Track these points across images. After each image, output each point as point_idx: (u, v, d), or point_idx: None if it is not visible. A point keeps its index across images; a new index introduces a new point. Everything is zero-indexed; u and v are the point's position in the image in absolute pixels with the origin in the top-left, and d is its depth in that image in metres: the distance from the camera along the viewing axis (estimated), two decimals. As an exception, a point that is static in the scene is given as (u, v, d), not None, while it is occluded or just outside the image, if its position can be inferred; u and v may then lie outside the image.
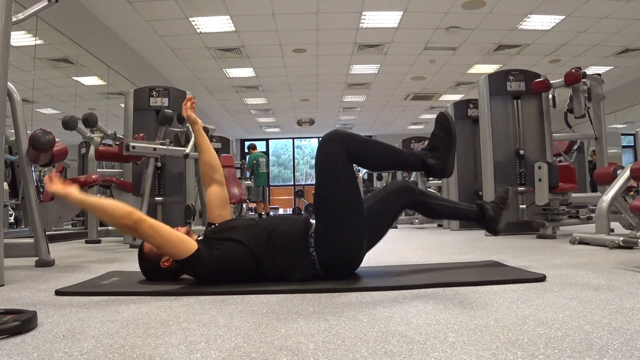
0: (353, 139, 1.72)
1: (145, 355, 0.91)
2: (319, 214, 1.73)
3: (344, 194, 1.68)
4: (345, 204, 1.68)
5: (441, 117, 1.83)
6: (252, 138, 16.46)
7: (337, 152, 1.68)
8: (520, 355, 0.85)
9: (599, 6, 6.27)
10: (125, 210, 1.51)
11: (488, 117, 4.37)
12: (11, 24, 1.88)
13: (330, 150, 1.69)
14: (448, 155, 1.80)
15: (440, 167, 1.79)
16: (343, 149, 1.67)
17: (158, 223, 1.56)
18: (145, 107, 4.38)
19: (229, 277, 1.65)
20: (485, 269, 1.91)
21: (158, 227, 1.55)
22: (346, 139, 1.69)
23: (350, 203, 1.68)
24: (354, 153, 1.69)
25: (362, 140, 1.75)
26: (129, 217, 1.50)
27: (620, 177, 3.02)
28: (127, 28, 6.85)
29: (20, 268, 2.36)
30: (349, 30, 7.11)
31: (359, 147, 1.72)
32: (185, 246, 1.58)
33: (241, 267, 1.64)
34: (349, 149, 1.68)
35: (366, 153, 1.74)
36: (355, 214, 1.69)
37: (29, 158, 2.45)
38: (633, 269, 1.89)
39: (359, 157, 1.72)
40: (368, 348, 0.93)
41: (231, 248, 1.64)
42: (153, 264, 1.73)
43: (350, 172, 1.72)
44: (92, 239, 4.47)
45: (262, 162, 9.49)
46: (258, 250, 1.64)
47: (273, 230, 1.68)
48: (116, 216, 1.51)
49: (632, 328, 1.01)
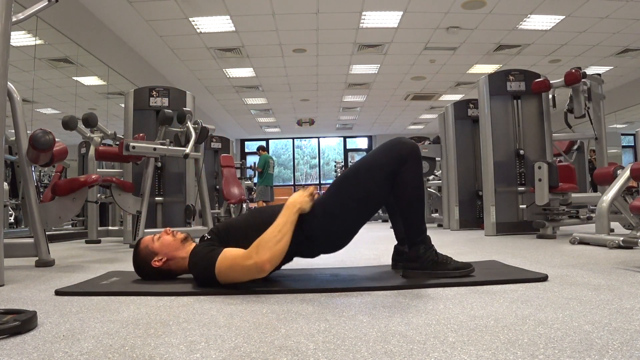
0: (419, 162, 1.71)
1: (145, 355, 0.91)
2: (337, 186, 1.73)
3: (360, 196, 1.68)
4: (367, 195, 1.68)
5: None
6: (252, 138, 16.47)
7: (391, 161, 1.67)
8: (520, 355, 0.85)
9: (599, 6, 6.27)
10: (277, 260, 1.54)
11: (488, 117, 4.37)
12: (11, 24, 1.88)
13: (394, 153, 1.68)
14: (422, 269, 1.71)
15: (414, 260, 1.71)
16: (399, 161, 1.66)
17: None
18: (145, 107, 4.39)
19: None
20: (486, 268, 1.91)
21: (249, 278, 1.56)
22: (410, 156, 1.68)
23: (369, 197, 1.69)
24: (402, 174, 1.67)
25: (419, 173, 1.72)
26: (269, 266, 1.52)
27: (620, 177, 3.02)
28: (127, 28, 6.85)
29: (20, 268, 2.36)
30: (349, 30, 7.11)
31: (410, 172, 1.68)
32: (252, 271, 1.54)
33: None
34: (402, 165, 1.66)
35: (407, 183, 1.69)
36: (365, 208, 1.70)
37: (29, 158, 2.45)
38: (633, 269, 1.88)
39: (401, 179, 1.68)
40: (368, 348, 0.92)
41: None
42: (144, 261, 1.74)
43: (379, 185, 1.69)
44: (92, 239, 4.47)
45: (271, 163, 10.21)
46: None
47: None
48: (273, 252, 1.53)
49: (632, 328, 1.01)
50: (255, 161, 10.61)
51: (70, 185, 2.93)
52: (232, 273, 1.54)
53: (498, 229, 4.23)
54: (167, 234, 1.77)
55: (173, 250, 1.73)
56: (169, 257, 1.72)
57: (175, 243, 1.74)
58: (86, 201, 3.75)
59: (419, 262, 1.69)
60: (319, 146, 17.18)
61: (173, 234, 1.76)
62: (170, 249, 1.73)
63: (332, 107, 12.36)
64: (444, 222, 5.62)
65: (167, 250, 1.73)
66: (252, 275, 1.53)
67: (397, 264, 1.96)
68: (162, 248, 1.73)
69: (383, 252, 2.82)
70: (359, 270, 2.00)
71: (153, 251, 1.73)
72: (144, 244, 1.76)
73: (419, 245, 1.70)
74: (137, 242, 1.80)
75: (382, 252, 2.83)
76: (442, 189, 5.73)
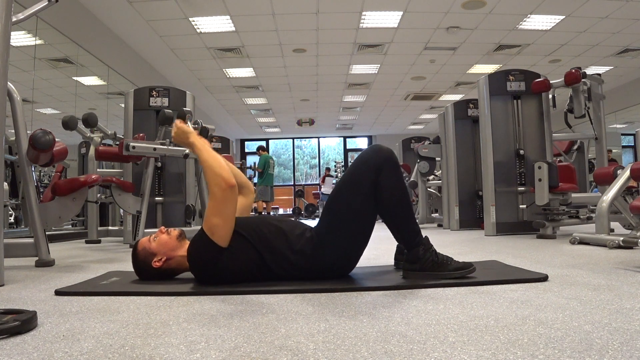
0: (395, 167, 1.71)
1: (145, 355, 0.91)
2: (326, 213, 1.76)
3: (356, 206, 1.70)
4: (355, 214, 1.70)
5: None
6: (252, 138, 16.47)
7: (367, 173, 1.69)
8: (520, 355, 0.85)
9: (599, 6, 6.27)
10: (229, 175, 1.63)
11: (488, 117, 4.37)
12: (11, 24, 1.88)
13: (373, 162, 1.69)
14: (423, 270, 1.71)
15: (414, 261, 1.71)
16: (375, 171, 1.68)
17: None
18: (145, 107, 4.38)
19: (238, 272, 1.67)
20: (486, 268, 1.91)
21: (234, 205, 1.64)
22: (385, 164, 1.69)
23: (358, 215, 1.71)
24: (381, 183, 1.68)
25: (398, 178, 1.73)
26: (229, 181, 1.61)
27: (620, 177, 3.02)
28: (127, 28, 6.85)
29: (20, 268, 2.36)
30: (349, 30, 7.11)
31: (388, 178, 1.69)
32: (229, 235, 1.64)
33: (247, 258, 1.67)
34: (379, 174, 1.68)
35: (387, 190, 1.69)
36: (359, 226, 1.72)
37: (29, 158, 2.45)
38: (633, 269, 1.88)
39: (381, 188, 1.69)
40: (368, 348, 0.92)
41: (239, 243, 1.67)
42: (144, 263, 1.74)
43: (365, 201, 1.70)
44: (92, 239, 4.47)
45: (271, 163, 10.30)
46: (259, 243, 1.68)
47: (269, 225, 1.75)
48: (219, 175, 1.62)
49: (632, 328, 1.01)
50: (256, 161, 10.68)
51: (70, 185, 2.92)
52: (218, 216, 1.61)
53: (498, 229, 4.23)
54: (162, 233, 1.77)
55: (171, 249, 1.73)
56: (168, 256, 1.73)
57: (172, 241, 1.74)
58: (86, 201, 3.75)
59: (419, 263, 1.69)
60: (319, 146, 17.18)
61: (168, 232, 1.77)
62: (169, 248, 1.73)
63: (332, 107, 12.36)
64: (444, 222, 5.62)
65: (165, 249, 1.73)
66: (229, 198, 1.62)
67: (400, 263, 1.96)
68: (160, 248, 1.74)
69: (383, 252, 2.82)
70: (359, 270, 2.00)
71: (152, 252, 1.73)
72: (141, 246, 1.76)
73: (418, 247, 1.70)
74: (135, 246, 1.80)
75: (382, 252, 2.83)
76: (442, 189, 5.73)
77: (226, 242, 1.63)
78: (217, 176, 1.62)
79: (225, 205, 1.62)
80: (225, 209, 1.62)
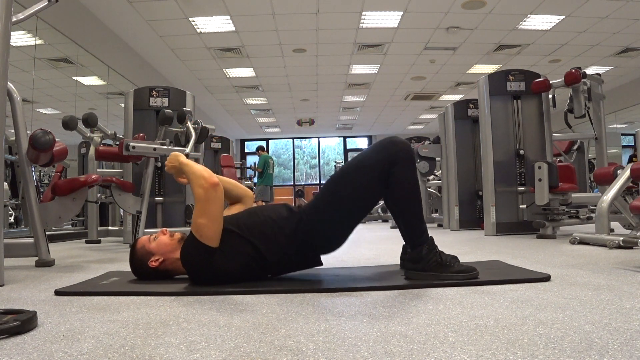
0: (411, 161, 1.70)
1: (145, 355, 0.91)
2: (325, 190, 1.76)
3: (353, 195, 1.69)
4: (358, 192, 1.69)
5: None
6: (252, 138, 16.47)
7: (381, 161, 1.67)
8: (520, 355, 0.85)
9: (599, 6, 6.27)
10: (211, 175, 1.66)
11: (488, 117, 4.37)
12: (11, 24, 1.88)
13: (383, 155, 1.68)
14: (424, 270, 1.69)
15: (417, 261, 1.70)
16: (389, 162, 1.66)
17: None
18: (145, 107, 4.38)
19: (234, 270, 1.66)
20: (488, 268, 1.91)
21: (219, 204, 1.64)
22: (401, 157, 1.67)
23: (360, 194, 1.70)
24: (395, 176, 1.66)
25: (413, 173, 1.71)
26: (211, 180, 1.63)
27: (620, 177, 3.02)
28: (127, 28, 6.84)
29: (20, 268, 2.36)
30: (349, 30, 7.11)
31: (403, 172, 1.67)
32: (218, 235, 1.64)
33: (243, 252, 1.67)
34: (393, 166, 1.66)
35: (400, 184, 1.68)
36: (358, 206, 1.71)
37: (29, 158, 2.45)
38: (633, 269, 1.88)
39: (394, 181, 1.67)
40: (368, 348, 0.92)
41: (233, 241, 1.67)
42: (141, 261, 1.74)
43: (368, 186, 1.69)
44: (92, 239, 4.47)
45: (271, 163, 10.38)
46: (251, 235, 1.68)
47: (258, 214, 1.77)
48: (201, 177, 1.64)
49: (632, 328, 1.01)
50: (255, 161, 10.70)
51: (70, 185, 2.92)
52: (204, 216, 1.60)
53: (498, 229, 4.23)
54: (164, 234, 1.77)
55: (169, 250, 1.73)
56: (166, 258, 1.73)
57: (172, 243, 1.74)
58: (86, 201, 3.75)
59: (422, 263, 1.68)
60: (319, 146, 17.18)
61: (170, 235, 1.77)
62: (167, 249, 1.73)
63: (332, 107, 12.36)
64: (444, 222, 5.62)
65: (163, 250, 1.73)
66: (213, 197, 1.61)
67: (405, 263, 1.96)
68: (158, 248, 1.73)
69: (383, 252, 2.82)
70: (359, 270, 2.00)
71: (150, 251, 1.73)
72: (140, 244, 1.77)
73: (422, 246, 1.69)
74: (134, 243, 1.80)
75: (382, 252, 2.83)
76: (442, 189, 5.72)
77: (215, 242, 1.62)
78: (199, 177, 1.64)
79: (209, 205, 1.60)
80: (209, 208, 1.60)
